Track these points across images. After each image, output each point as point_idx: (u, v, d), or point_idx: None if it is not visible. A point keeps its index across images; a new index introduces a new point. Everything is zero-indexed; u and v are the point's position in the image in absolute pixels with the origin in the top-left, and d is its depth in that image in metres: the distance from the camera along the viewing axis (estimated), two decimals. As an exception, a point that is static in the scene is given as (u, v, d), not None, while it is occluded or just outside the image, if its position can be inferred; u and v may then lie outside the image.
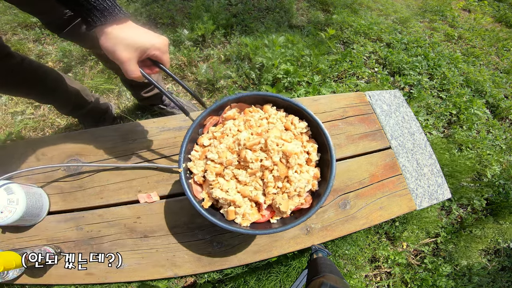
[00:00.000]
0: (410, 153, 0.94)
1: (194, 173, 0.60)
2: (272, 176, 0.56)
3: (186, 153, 0.60)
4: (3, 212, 0.60)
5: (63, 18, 0.78)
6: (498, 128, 1.86)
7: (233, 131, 0.60)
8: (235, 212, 0.56)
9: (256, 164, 0.55)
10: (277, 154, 0.55)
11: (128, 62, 0.53)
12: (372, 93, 1.04)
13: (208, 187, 0.58)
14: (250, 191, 0.57)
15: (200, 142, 0.63)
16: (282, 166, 0.55)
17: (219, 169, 0.57)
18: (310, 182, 0.59)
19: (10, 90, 0.93)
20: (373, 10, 2.35)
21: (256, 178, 0.57)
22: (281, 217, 0.60)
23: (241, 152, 0.55)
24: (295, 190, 0.56)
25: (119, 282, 0.72)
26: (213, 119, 0.65)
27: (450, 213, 1.55)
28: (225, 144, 0.58)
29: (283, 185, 0.57)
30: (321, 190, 0.59)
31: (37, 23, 1.74)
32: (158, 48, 0.56)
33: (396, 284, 1.35)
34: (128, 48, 0.52)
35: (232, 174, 0.57)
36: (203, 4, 1.90)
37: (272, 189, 0.57)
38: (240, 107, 0.66)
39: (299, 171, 0.58)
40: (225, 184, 0.57)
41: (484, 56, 2.25)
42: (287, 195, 0.57)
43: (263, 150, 0.56)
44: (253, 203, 0.59)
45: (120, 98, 1.57)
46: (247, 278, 1.21)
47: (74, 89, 1.12)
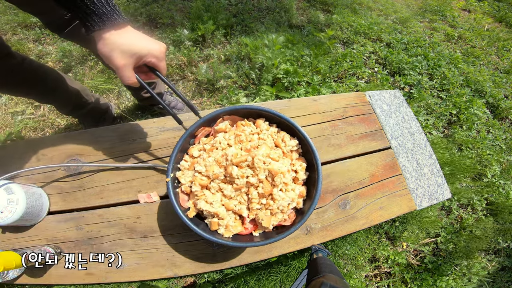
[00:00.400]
0: (410, 153, 0.94)
1: (182, 183, 0.61)
2: (256, 193, 0.57)
3: (175, 162, 0.61)
4: (3, 212, 0.60)
5: (64, 19, 0.78)
6: (498, 128, 1.86)
7: (222, 144, 0.61)
8: (218, 224, 0.57)
9: (241, 180, 0.56)
10: (263, 172, 0.56)
11: (123, 68, 0.52)
12: (372, 93, 1.04)
13: (194, 198, 0.59)
14: (234, 205, 0.58)
15: (190, 153, 0.64)
16: (267, 184, 0.56)
17: (205, 182, 0.58)
18: (295, 201, 0.60)
19: (10, 90, 0.93)
20: (373, 10, 2.35)
21: (241, 193, 0.58)
22: (263, 231, 0.61)
23: (228, 168, 0.56)
24: (278, 208, 0.57)
25: (119, 282, 0.72)
26: (205, 130, 0.65)
27: (450, 213, 1.55)
28: (214, 157, 0.58)
29: (267, 202, 0.58)
30: (305, 207, 0.60)
31: (37, 23, 1.74)
32: (155, 55, 0.55)
33: (396, 284, 1.35)
34: (124, 54, 0.51)
35: (218, 187, 0.58)
36: (203, 4, 1.90)
37: (256, 205, 0.58)
38: (233, 119, 0.66)
39: (284, 189, 0.59)
40: (210, 196, 0.58)
41: (484, 56, 2.26)
42: (270, 212, 0.58)
43: (250, 167, 0.57)
44: (237, 216, 0.60)
45: (120, 98, 1.57)
46: (247, 278, 1.21)
47: (74, 89, 1.12)
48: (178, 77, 1.68)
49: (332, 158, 0.87)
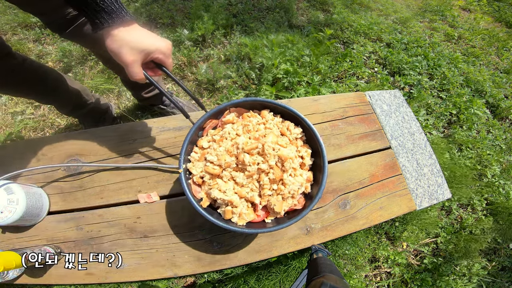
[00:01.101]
0: (410, 153, 0.94)
1: (194, 174, 0.62)
2: (268, 179, 0.59)
3: (186, 154, 0.62)
4: (3, 212, 0.60)
5: (65, 19, 0.78)
6: (498, 128, 1.86)
7: (231, 134, 0.62)
8: (232, 212, 0.58)
9: (253, 167, 0.57)
10: (273, 158, 0.58)
11: (132, 64, 0.54)
12: (372, 93, 1.04)
13: (206, 188, 0.60)
14: (246, 192, 0.59)
15: (199, 144, 0.64)
16: (278, 169, 0.58)
17: (217, 171, 0.59)
18: (303, 185, 0.62)
19: (10, 90, 0.93)
20: (373, 10, 2.35)
21: (252, 180, 0.59)
22: (275, 217, 0.62)
23: (239, 156, 0.57)
24: (289, 192, 0.59)
25: (119, 282, 0.72)
26: (213, 122, 0.66)
27: (450, 213, 1.55)
28: (224, 147, 0.60)
29: (278, 187, 0.59)
30: (314, 192, 0.62)
31: (37, 23, 1.74)
32: (163, 52, 0.57)
33: (396, 284, 1.35)
34: (133, 50, 0.53)
35: (230, 176, 0.60)
36: (203, 4, 1.90)
37: (267, 191, 0.59)
38: (239, 111, 0.68)
39: (293, 174, 0.61)
40: (223, 185, 0.59)
41: (484, 56, 2.26)
42: (282, 197, 0.60)
43: (260, 154, 0.59)
44: (249, 204, 0.61)
45: (120, 98, 1.57)
46: (247, 278, 1.21)
47: (74, 89, 1.12)
48: (178, 77, 1.68)
49: (332, 158, 0.87)
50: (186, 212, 0.75)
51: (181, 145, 0.82)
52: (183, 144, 0.60)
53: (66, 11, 0.77)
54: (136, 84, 1.21)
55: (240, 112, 0.68)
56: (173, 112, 1.40)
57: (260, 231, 0.57)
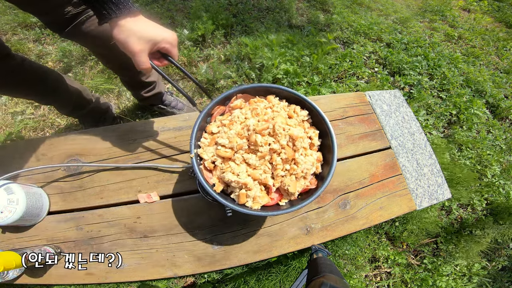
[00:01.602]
0: (410, 153, 0.94)
1: (204, 159, 0.61)
2: (280, 159, 0.58)
3: (196, 140, 0.61)
4: (3, 212, 0.60)
5: (64, 18, 0.78)
6: (498, 128, 1.86)
7: (241, 118, 0.62)
8: (246, 195, 0.57)
9: (265, 148, 0.57)
10: (284, 138, 0.58)
11: (140, 54, 0.55)
12: (372, 93, 1.04)
13: (219, 172, 0.59)
14: (260, 174, 0.59)
15: (208, 130, 0.64)
16: (289, 149, 0.58)
17: (229, 154, 0.59)
18: (314, 165, 0.62)
19: (10, 91, 0.93)
20: (373, 10, 2.35)
21: (265, 162, 0.59)
22: (289, 199, 0.62)
23: (251, 137, 0.58)
24: (302, 171, 0.59)
25: (119, 282, 0.72)
26: (220, 109, 0.67)
27: (450, 213, 1.55)
28: (235, 130, 0.60)
29: (290, 167, 0.59)
30: (325, 172, 0.62)
31: (37, 23, 1.74)
32: (169, 41, 0.58)
33: (396, 284, 1.35)
34: (140, 40, 0.54)
35: (242, 159, 0.59)
36: (203, 4, 1.90)
37: (280, 172, 0.59)
38: (245, 98, 0.68)
39: (304, 154, 0.61)
40: (236, 168, 0.58)
41: (484, 56, 2.26)
42: (295, 177, 0.60)
43: (270, 135, 0.59)
44: (262, 187, 0.61)
45: (120, 98, 1.57)
46: (247, 278, 1.21)
47: (74, 90, 1.12)
48: (178, 77, 1.68)
49: (332, 158, 0.87)
50: (186, 212, 0.75)
51: (181, 145, 0.82)
52: (192, 130, 0.60)
53: (66, 10, 0.77)
54: (135, 84, 1.21)
55: (246, 98, 0.68)
56: (173, 112, 1.40)
57: (276, 213, 0.56)
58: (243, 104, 0.66)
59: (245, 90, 0.66)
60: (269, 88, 0.66)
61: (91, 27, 0.83)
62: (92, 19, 0.82)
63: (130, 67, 1.08)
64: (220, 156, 0.59)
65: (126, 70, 1.09)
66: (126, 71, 1.09)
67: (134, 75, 1.12)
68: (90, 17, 0.81)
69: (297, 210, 0.78)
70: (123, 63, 1.05)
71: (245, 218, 0.76)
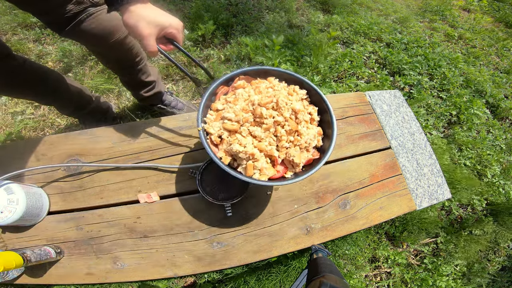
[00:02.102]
0: (410, 153, 0.94)
1: (211, 133, 0.62)
2: (284, 131, 0.62)
3: (202, 116, 0.63)
4: (3, 212, 0.60)
5: (65, 17, 0.78)
6: (498, 128, 1.86)
7: (244, 96, 0.65)
8: (253, 167, 0.59)
9: (269, 120, 0.61)
10: (287, 111, 0.62)
11: (148, 37, 0.58)
12: (372, 93, 1.04)
13: (225, 145, 0.61)
14: (265, 145, 0.61)
15: (214, 107, 0.67)
16: (292, 121, 0.62)
17: (236, 127, 0.61)
18: (316, 138, 0.65)
19: (11, 91, 0.93)
20: (373, 10, 2.35)
21: (270, 134, 0.62)
22: (294, 172, 0.64)
23: (256, 110, 0.61)
24: (305, 142, 0.62)
25: (119, 282, 0.72)
26: (224, 88, 0.70)
27: (450, 213, 1.55)
28: (240, 105, 0.63)
29: (294, 138, 0.62)
30: (326, 145, 0.65)
31: (37, 23, 1.74)
32: (175, 27, 0.62)
33: (396, 284, 1.35)
34: (149, 25, 0.58)
35: (248, 131, 0.62)
36: (203, 4, 1.90)
37: (285, 143, 0.62)
38: (247, 79, 0.71)
39: (306, 127, 0.64)
40: (243, 139, 0.61)
41: (484, 56, 2.26)
42: (299, 148, 0.63)
43: (274, 109, 0.63)
44: (268, 159, 0.63)
45: (120, 98, 1.57)
46: (247, 278, 1.21)
47: (75, 90, 1.12)
48: (178, 77, 1.68)
49: (332, 158, 0.87)
50: (186, 212, 0.75)
51: (181, 145, 0.82)
52: (199, 106, 0.62)
53: (66, 9, 0.77)
54: (135, 84, 1.21)
55: (247, 80, 0.71)
56: (173, 112, 1.40)
57: (283, 183, 0.59)
58: (246, 84, 0.69)
59: (246, 72, 0.70)
60: (269, 70, 0.70)
61: (92, 25, 0.83)
62: (92, 17, 0.82)
63: (129, 66, 1.08)
64: (227, 129, 0.62)
65: (125, 69, 1.09)
66: (126, 70, 1.09)
67: (133, 74, 1.12)
68: (90, 15, 0.81)
69: (297, 209, 0.78)
70: (123, 63, 1.05)
71: (245, 218, 0.76)
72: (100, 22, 0.84)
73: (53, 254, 0.65)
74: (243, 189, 0.73)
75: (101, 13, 0.84)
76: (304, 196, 0.81)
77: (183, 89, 1.65)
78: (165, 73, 1.66)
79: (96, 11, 0.82)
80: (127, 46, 0.98)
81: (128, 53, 1.01)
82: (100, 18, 0.84)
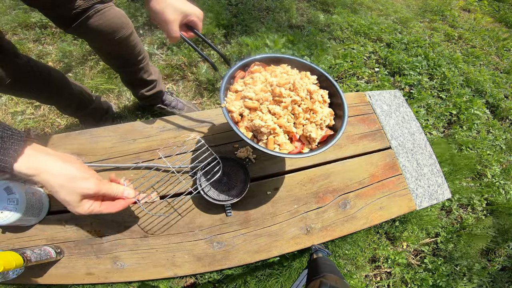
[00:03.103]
0: (410, 153, 0.94)
1: (232, 111, 0.66)
2: (301, 109, 0.66)
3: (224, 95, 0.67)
4: (3, 212, 0.60)
5: (73, 13, 0.78)
6: (498, 128, 1.86)
7: (262, 79, 0.70)
8: (274, 141, 0.63)
9: (288, 99, 0.65)
10: (303, 91, 0.66)
11: (173, 23, 0.63)
12: (372, 93, 1.04)
13: (246, 122, 0.65)
14: (285, 121, 0.65)
15: (233, 89, 0.70)
16: (308, 100, 0.67)
17: (256, 105, 0.65)
18: (328, 117, 0.69)
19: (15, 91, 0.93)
20: (373, 10, 2.35)
21: (287, 112, 0.66)
22: (310, 148, 0.68)
23: (275, 90, 0.65)
24: (320, 119, 0.67)
25: (119, 282, 0.72)
26: (241, 73, 0.74)
27: (450, 213, 1.55)
28: (258, 87, 0.68)
29: (310, 116, 0.67)
30: (337, 124, 0.70)
31: (37, 23, 1.74)
32: (197, 15, 0.68)
33: (396, 284, 1.35)
34: (175, 11, 0.63)
35: (267, 109, 0.66)
36: (204, 4, 1.90)
37: (302, 120, 0.67)
38: (262, 66, 0.75)
39: (320, 106, 0.69)
40: (263, 116, 0.65)
41: (484, 56, 2.26)
42: (315, 124, 0.68)
43: (291, 89, 0.67)
44: (286, 135, 0.67)
45: (120, 98, 1.57)
46: (247, 278, 1.21)
47: (77, 90, 1.13)
48: (178, 77, 1.68)
49: (332, 158, 0.87)
50: (186, 212, 0.75)
51: (181, 145, 0.82)
52: (221, 85, 0.66)
53: (76, 5, 0.77)
54: (137, 82, 1.21)
55: (263, 66, 0.75)
56: (173, 112, 1.40)
57: (302, 156, 0.63)
58: (262, 70, 0.74)
59: (262, 59, 0.75)
60: (281, 58, 0.75)
61: (99, 21, 0.83)
62: (100, 13, 0.82)
63: (132, 64, 1.08)
64: (248, 107, 0.65)
65: (128, 67, 1.09)
66: (128, 68, 1.10)
67: (135, 72, 1.12)
68: (98, 11, 0.82)
69: (297, 209, 0.79)
70: (126, 60, 1.05)
71: (245, 218, 0.76)
72: (107, 19, 0.85)
73: (53, 254, 0.65)
74: (243, 189, 0.73)
75: (108, 9, 0.84)
76: (304, 196, 0.81)
77: (183, 89, 1.65)
78: (166, 73, 1.66)
79: (103, 8, 0.83)
80: (131, 43, 0.98)
81: (131, 51, 1.01)
82: (107, 14, 0.84)
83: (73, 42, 1.69)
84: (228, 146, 0.85)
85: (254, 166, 0.83)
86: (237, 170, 0.77)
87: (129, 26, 0.93)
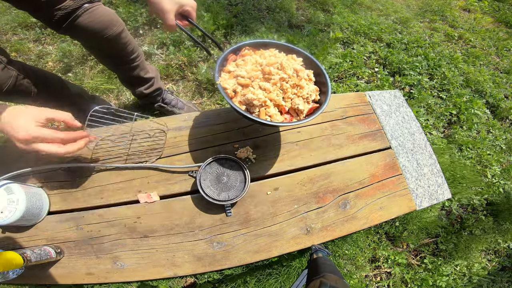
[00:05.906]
0: (410, 153, 0.94)
1: (226, 88, 0.71)
2: (289, 85, 0.72)
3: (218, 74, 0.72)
4: (3, 212, 0.60)
5: (62, 14, 0.80)
6: (498, 128, 1.86)
7: (252, 60, 0.76)
8: (266, 113, 0.69)
9: (276, 76, 0.71)
10: (290, 69, 0.72)
11: (170, 12, 0.69)
12: (372, 93, 1.04)
13: (240, 97, 0.70)
14: (274, 96, 0.71)
15: (226, 70, 0.76)
16: (295, 78, 0.73)
17: (248, 82, 0.71)
18: (314, 93, 0.75)
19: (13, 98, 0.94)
20: (373, 10, 2.35)
21: (276, 88, 0.72)
22: (298, 119, 0.73)
23: (265, 68, 0.71)
24: (307, 93, 0.73)
25: (119, 282, 0.72)
26: (233, 57, 0.78)
27: (450, 213, 1.55)
28: (249, 66, 0.74)
29: (297, 91, 0.73)
30: (322, 99, 0.75)
31: (37, 23, 1.74)
32: (191, 5, 0.73)
33: (396, 284, 1.35)
34: (171, 1, 0.69)
35: (258, 86, 0.71)
36: (204, 4, 1.90)
37: (290, 94, 0.72)
38: (252, 50, 0.80)
39: (306, 83, 0.75)
40: (255, 91, 0.70)
41: (484, 56, 2.25)
42: (302, 98, 0.73)
43: (279, 69, 0.73)
44: (276, 108, 0.72)
45: (120, 98, 1.57)
46: (247, 278, 1.21)
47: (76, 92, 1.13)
48: (178, 77, 1.68)
49: (332, 158, 0.87)
50: (186, 212, 0.75)
51: (181, 145, 0.82)
52: (215, 66, 0.71)
53: (64, 6, 0.79)
54: (134, 80, 1.21)
55: (253, 50, 0.80)
56: (173, 111, 1.40)
57: (290, 124, 0.69)
58: (252, 53, 0.79)
59: (251, 44, 0.80)
60: (269, 42, 0.81)
61: (88, 19, 0.85)
62: (88, 12, 0.84)
63: (126, 62, 1.09)
64: (240, 84, 0.71)
65: (122, 65, 1.10)
66: (123, 66, 1.10)
67: (131, 70, 1.13)
68: (86, 10, 0.83)
69: (297, 209, 0.79)
70: (119, 58, 1.06)
71: (245, 218, 0.76)
72: (96, 17, 0.86)
73: (53, 254, 0.65)
74: (243, 189, 0.73)
75: (97, 8, 0.86)
76: (304, 196, 0.81)
77: (183, 89, 1.65)
78: (165, 73, 1.66)
79: (92, 7, 0.84)
80: (123, 40, 0.99)
81: (124, 49, 1.02)
82: (96, 12, 0.86)
83: (73, 42, 1.69)
84: (228, 146, 0.85)
85: (254, 166, 0.83)
86: (237, 170, 0.77)
87: (120, 24, 0.95)
